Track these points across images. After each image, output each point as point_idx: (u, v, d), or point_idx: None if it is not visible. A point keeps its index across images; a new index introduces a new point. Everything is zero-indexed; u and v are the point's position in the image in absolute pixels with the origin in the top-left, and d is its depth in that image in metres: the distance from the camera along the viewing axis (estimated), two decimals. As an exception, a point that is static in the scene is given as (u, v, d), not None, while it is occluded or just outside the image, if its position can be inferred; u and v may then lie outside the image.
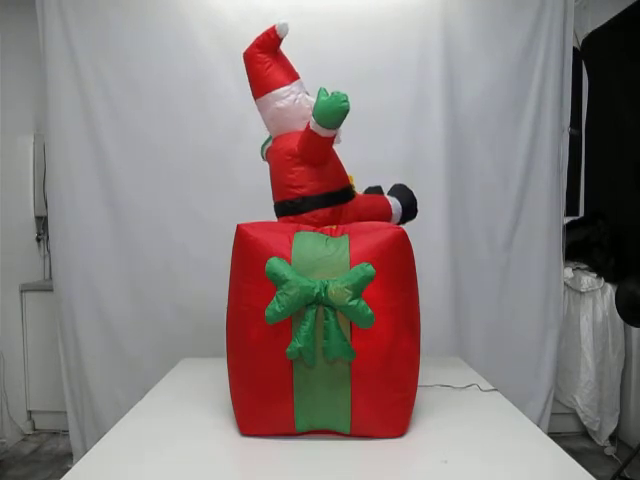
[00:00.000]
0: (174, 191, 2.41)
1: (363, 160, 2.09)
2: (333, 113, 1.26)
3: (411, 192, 1.67)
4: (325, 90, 1.28)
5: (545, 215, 2.50)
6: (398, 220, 1.59)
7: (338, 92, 1.26)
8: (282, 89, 1.40)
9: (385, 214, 1.55)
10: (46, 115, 2.42)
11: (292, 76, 1.43)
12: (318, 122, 1.28)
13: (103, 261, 2.43)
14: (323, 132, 1.29)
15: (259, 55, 1.42)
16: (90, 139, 2.40)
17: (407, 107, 2.39)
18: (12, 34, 2.81)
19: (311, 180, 1.35)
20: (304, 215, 1.35)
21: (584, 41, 3.16)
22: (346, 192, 1.43)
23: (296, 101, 1.39)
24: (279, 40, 1.40)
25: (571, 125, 2.52)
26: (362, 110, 2.27)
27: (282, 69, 1.42)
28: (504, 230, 2.49)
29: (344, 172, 1.47)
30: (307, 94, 1.44)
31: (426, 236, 2.28)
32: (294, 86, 1.41)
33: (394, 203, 1.58)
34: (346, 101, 1.25)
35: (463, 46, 2.41)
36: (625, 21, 2.86)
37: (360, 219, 1.39)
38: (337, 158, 1.46)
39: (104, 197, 2.42)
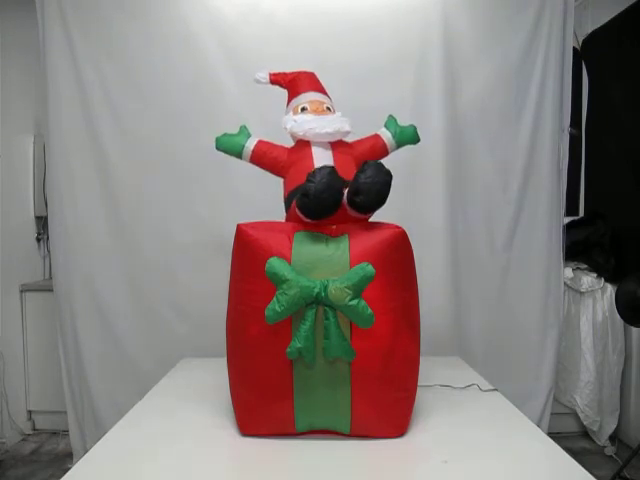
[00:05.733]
0: (174, 191, 2.40)
1: (363, 159, 2.10)
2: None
3: (311, 182, 1.16)
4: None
5: (545, 215, 2.49)
6: (301, 213, 1.22)
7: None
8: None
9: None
10: (46, 115, 2.42)
11: (289, 101, 1.61)
12: None
13: (103, 261, 2.42)
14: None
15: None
16: (90, 139, 2.39)
17: (407, 107, 2.38)
18: (12, 34, 2.80)
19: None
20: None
21: (584, 41, 3.16)
22: (288, 198, 1.43)
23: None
24: (273, 83, 1.66)
25: (571, 125, 2.51)
26: (362, 110, 2.28)
27: (289, 98, 1.62)
28: (504, 230, 2.49)
29: (291, 181, 1.44)
30: (302, 109, 1.53)
31: (426, 236, 2.28)
32: (286, 113, 1.58)
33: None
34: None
35: (463, 46, 2.41)
36: (625, 21, 2.85)
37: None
38: (296, 170, 1.44)
39: (104, 197, 2.41)
